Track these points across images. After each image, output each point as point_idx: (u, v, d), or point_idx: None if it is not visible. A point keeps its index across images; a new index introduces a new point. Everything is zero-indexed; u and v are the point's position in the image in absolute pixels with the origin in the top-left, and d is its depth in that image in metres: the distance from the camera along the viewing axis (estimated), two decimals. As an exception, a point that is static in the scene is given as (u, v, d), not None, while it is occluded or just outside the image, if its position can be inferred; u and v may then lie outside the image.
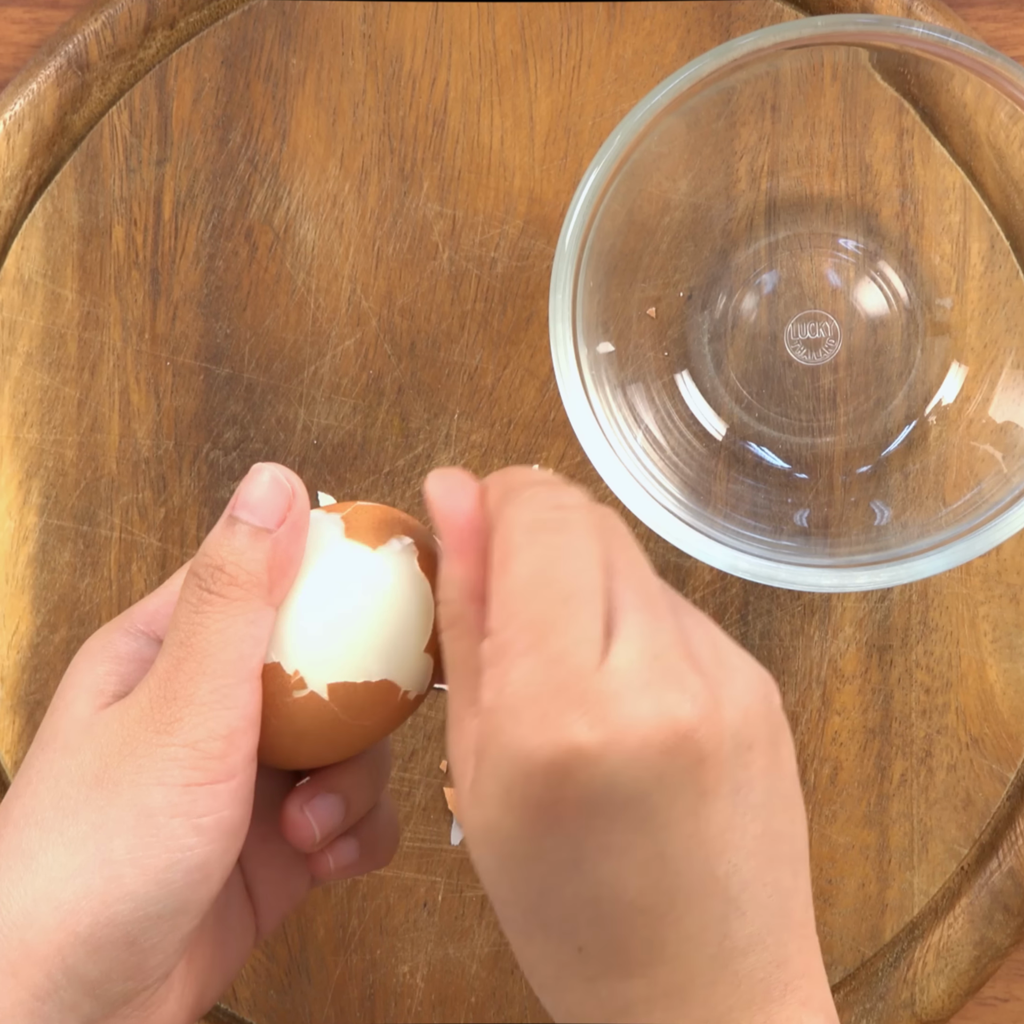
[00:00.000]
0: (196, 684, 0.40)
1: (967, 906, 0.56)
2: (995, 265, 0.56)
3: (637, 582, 0.39)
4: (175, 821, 0.39)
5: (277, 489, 0.41)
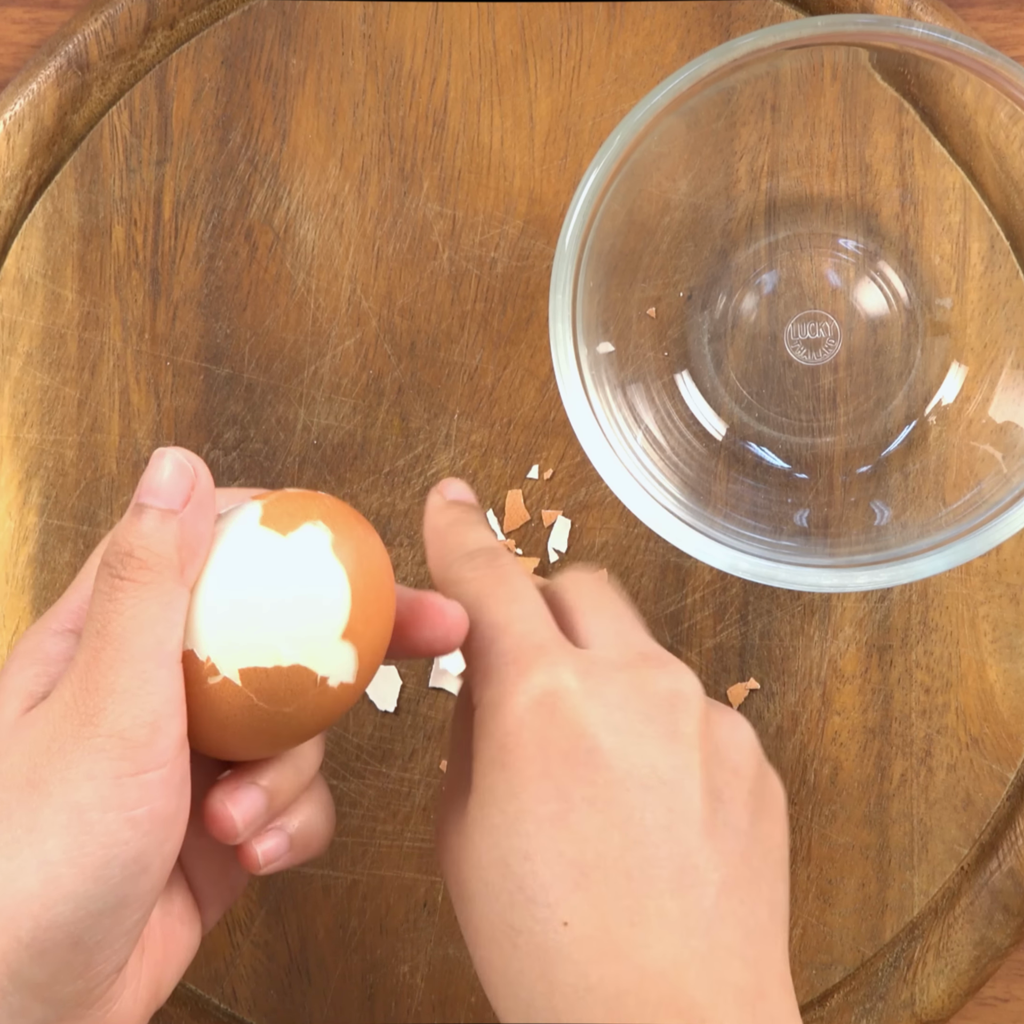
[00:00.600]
0: (116, 672, 0.39)
1: (967, 906, 0.56)
2: (995, 265, 0.56)
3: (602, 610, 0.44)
4: (108, 816, 0.39)
5: (179, 471, 0.41)
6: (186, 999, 0.56)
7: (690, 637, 0.57)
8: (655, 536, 0.53)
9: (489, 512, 0.57)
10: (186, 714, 0.40)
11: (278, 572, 0.41)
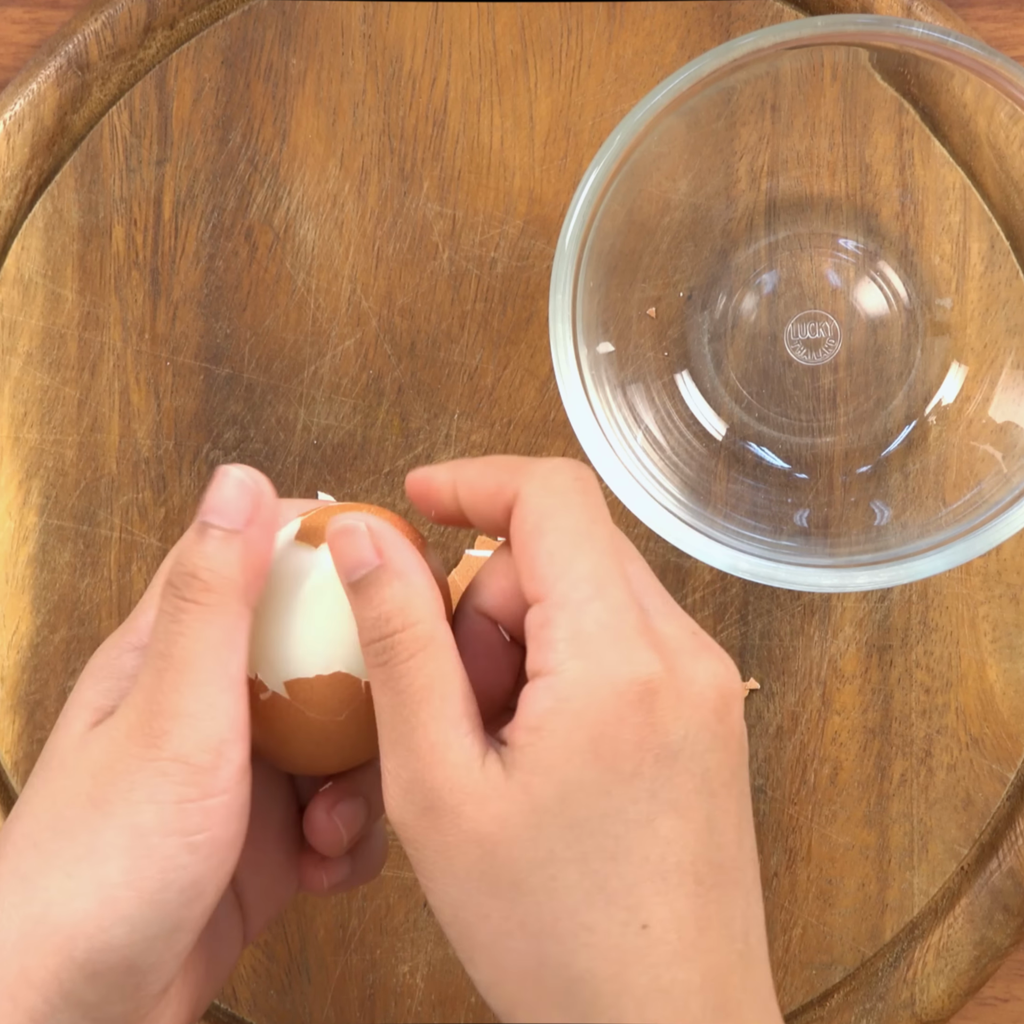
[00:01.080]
0: (180, 694, 0.39)
1: (967, 906, 0.56)
2: (995, 265, 0.56)
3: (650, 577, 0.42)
4: (169, 840, 0.39)
5: (243, 491, 0.41)
6: (186, 999, 0.56)
7: (690, 637, 0.57)
8: (655, 536, 0.53)
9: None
10: (249, 738, 0.40)
11: (309, 583, 0.42)
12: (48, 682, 0.57)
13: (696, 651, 0.39)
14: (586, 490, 0.40)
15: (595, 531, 0.39)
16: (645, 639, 0.38)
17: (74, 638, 0.57)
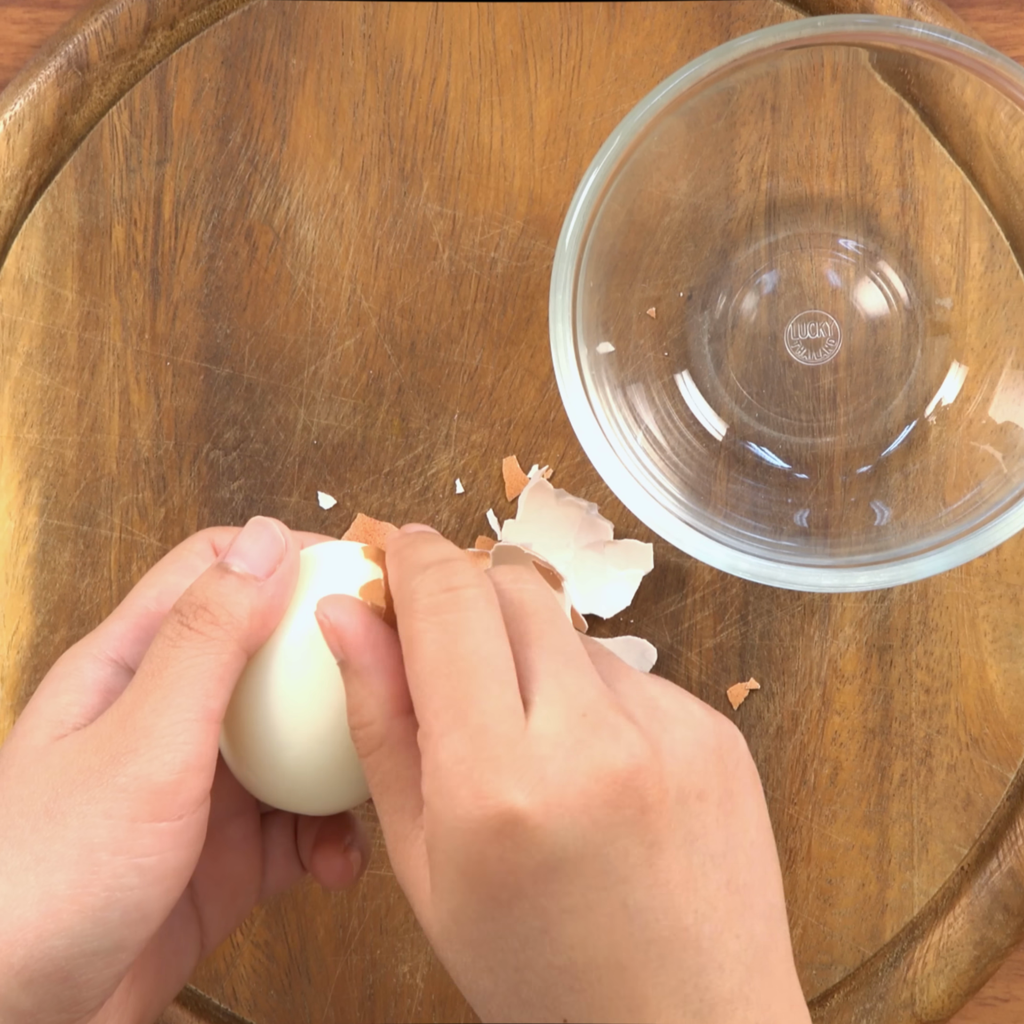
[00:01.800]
0: (158, 715, 0.40)
1: (967, 906, 0.56)
2: (995, 265, 0.56)
3: (551, 646, 0.39)
4: (117, 859, 0.39)
5: (272, 543, 0.42)
6: (186, 999, 0.56)
7: (690, 637, 0.57)
8: (655, 536, 0.53)
9: (489, 512, 0.57)
10: (212, 774, 0.40)
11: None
12: (48, 682, 0.57)
13: (573, 749, 0.38)
14: (452, 605, 0.39)
15: (455, 651, 0.38)
16: (505, 761, 0.37)
17: (74, 638, 0.57)
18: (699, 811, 0.39)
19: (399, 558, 0.41)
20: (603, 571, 0.57)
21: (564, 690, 0.38)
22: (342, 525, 0.57)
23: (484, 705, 0.38)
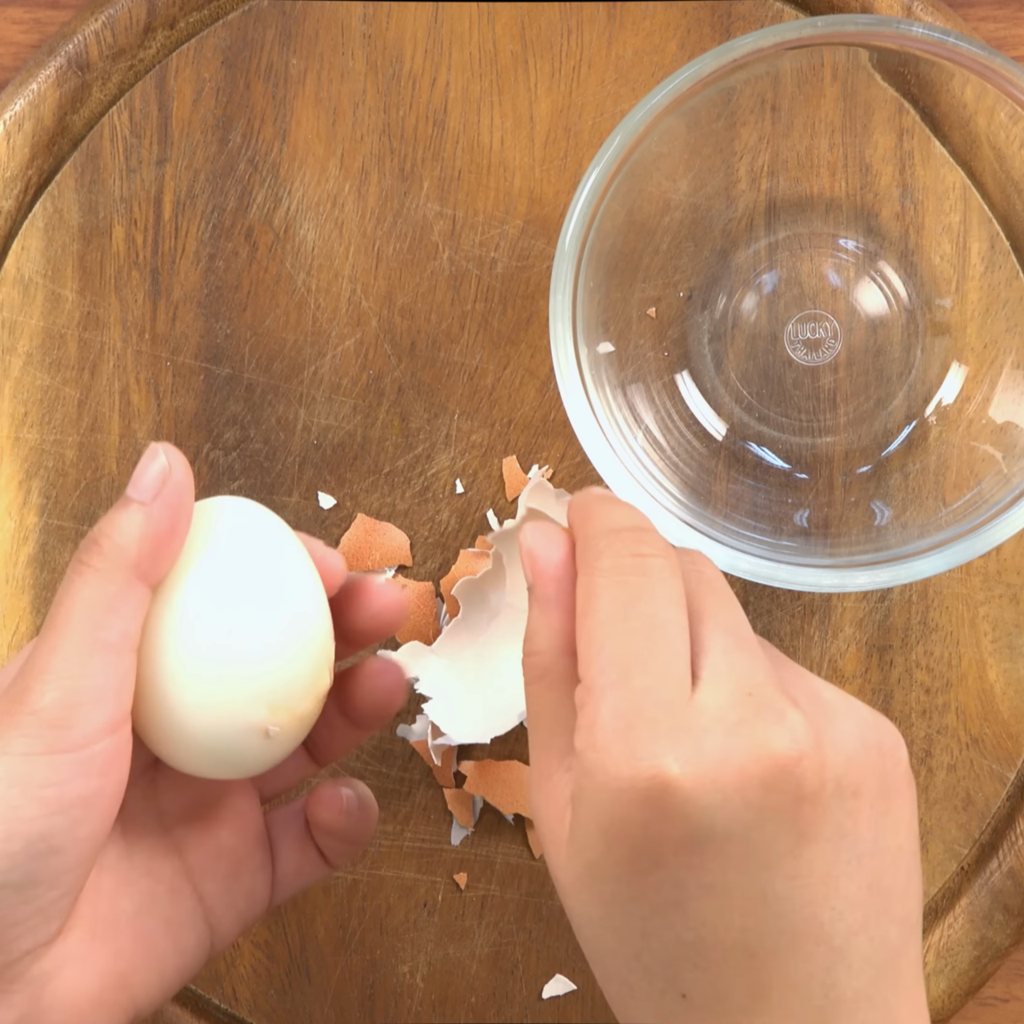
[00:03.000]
0: (52, 653, 0.40)
1: (967, 906, 0.56)
2: (995, 265, 0.56)
3: (725, 625, 0.40)
4: (13, 791, 0.39)
5: (156, 467, 0.41)
6: (187, 999, 0.56)
7: (690, 637, 0.57)
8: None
9: (489, 512, 0.57)
10: (123, 705, 0.40)
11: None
12: (48, 682, 0.57)
13: (736, 726, 0.37)
14: (638, 569, 0.40)
15: (633, 612, 0.39)
16: (665, 726, 0.37)
17: (74, 638, 0.57)
18: (853, 808, 0.38)
19: (587, 514, 0.42)
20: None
21: (733, 668, 0.38)
22: (342, 525, 0.57)
23: (652, 668, 0.38)
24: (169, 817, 0.45)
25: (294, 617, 0.42)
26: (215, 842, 0.45)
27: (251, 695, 0.41)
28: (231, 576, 0.42)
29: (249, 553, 0.42)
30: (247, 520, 0.43)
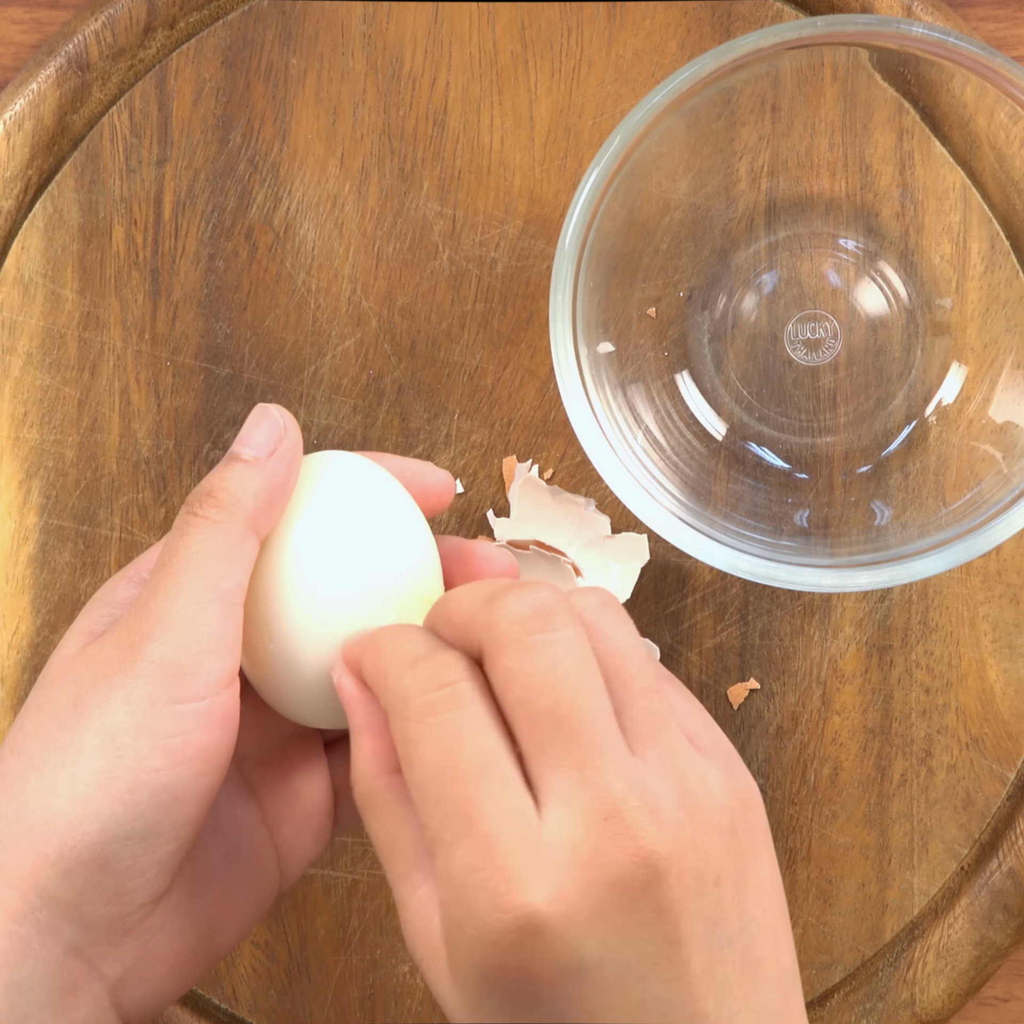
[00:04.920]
0: (170, 601, 0.40)
1: (967, 906, 0.56)
2: (995, 265, 0.56)
3: (553, 731, 0.37)
4: (140, 741, 0.39)
5: (270, 424, 0.43)
6: (187, 999, 0.56)
7: (690, 637, 0.57)
8: (655, 536, 0.53)
9: (489, 512, 0.57)
10: (237, 656, 0.41)
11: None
12: (48, 682, 0.57)
13: (591, 856, 0.36)
14: (449, 703, 0.38)
15: (457, 755, 0.37)
16: (520, 870, 0.36)
17: (74, 638, 0.57)
18: (717, 897, 0.38)
19: (376, 649, 0.40)
20: (605, 566, 0.57)
21: (587, 787, 0.37)
22: (342, 525, 0.57)
23: (491, 810, 0.37)
24: (246, 763, 0.45)
25: (405, 567, 0.42)
26: (290, 787, 0.45)
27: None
28: (338, 527, 0.42)
29: (356, 504, 0.43)
30: (353, 472, 0.44)
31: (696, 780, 0.39)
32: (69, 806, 0.39)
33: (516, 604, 0.38)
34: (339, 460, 0.44)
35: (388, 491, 0.44)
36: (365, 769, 0.40)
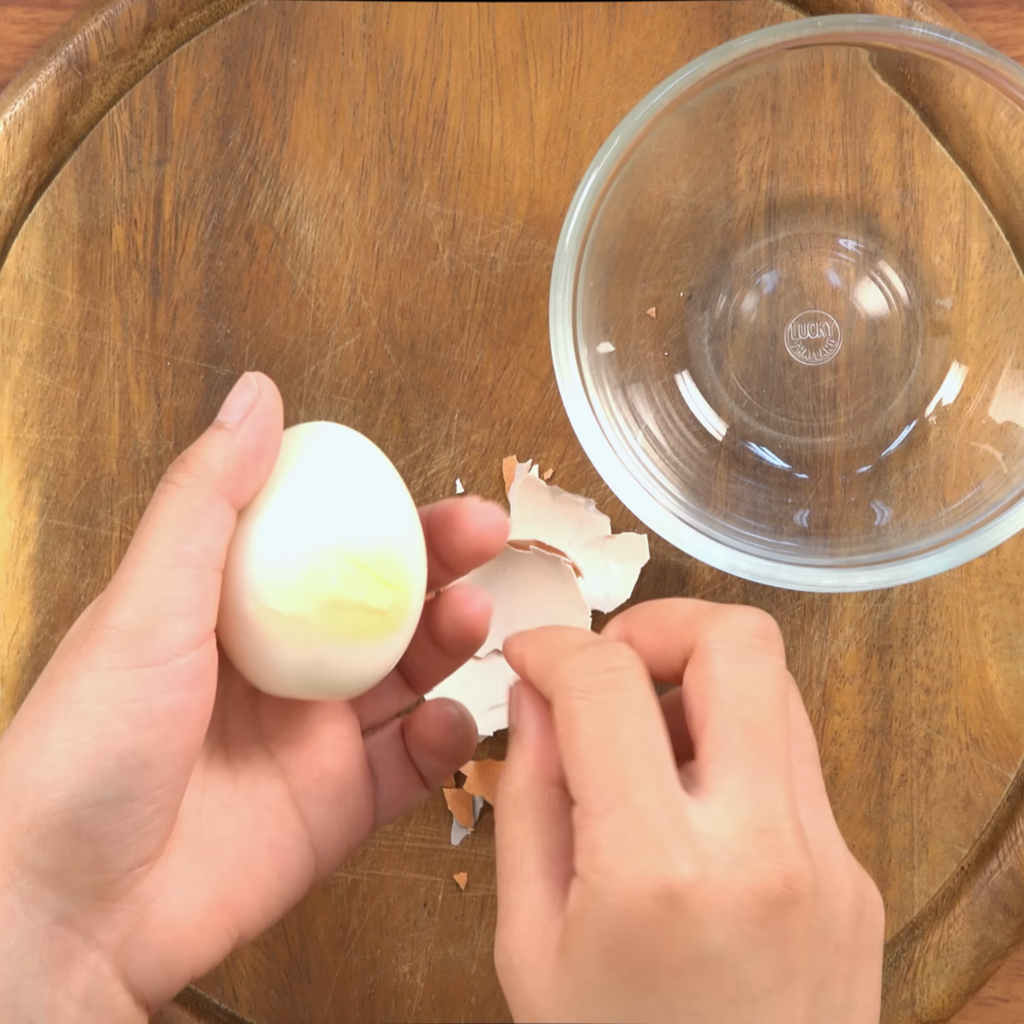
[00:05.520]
0: (135, 567, 0.40)
1: (967, 906, 0.56)
2: (995, 265, 0.56)
3: (742, 739, 0.39)
4: (101, 707, 0.39)
5: (245, 389, 0.42)
6: (187, 999, 0.56)
7: (690, 637, 0.57)
8: (655, 536, 0.53)
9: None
10: (207, 620, 0.40)
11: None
12: (48, 682, 0.57)
13: (741, 858, 0.37)
14: (614, 685, 0.39)
15: (619, 732, 0.38)
16: (671, 845, 0.37)
17: (74, 638, 0.57)
18: (834, 961, 0.39)
19: (540, 642, 0.42)
20: (605, 566, 0.57)
21: (755, 799, 0.38)
22: (342, 525, 0.57)
23: (648, 787, 0.37)
24: (273, 742, 0.45)
25: (385, 538, 0.42)
26: (320, 766, 0.45)
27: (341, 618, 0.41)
28: (319, 497, 0.42)
29: (338, 474, 0.42)
30: (335, 443, 0.43)
31: (840, 851, 0.40)
32: (38, 774, 0.39)
33: (745, 619, 0.40)
34: (326, 430, 0.44)
35: (372, 463, 0.43)
36: (526, 772, 0.41)
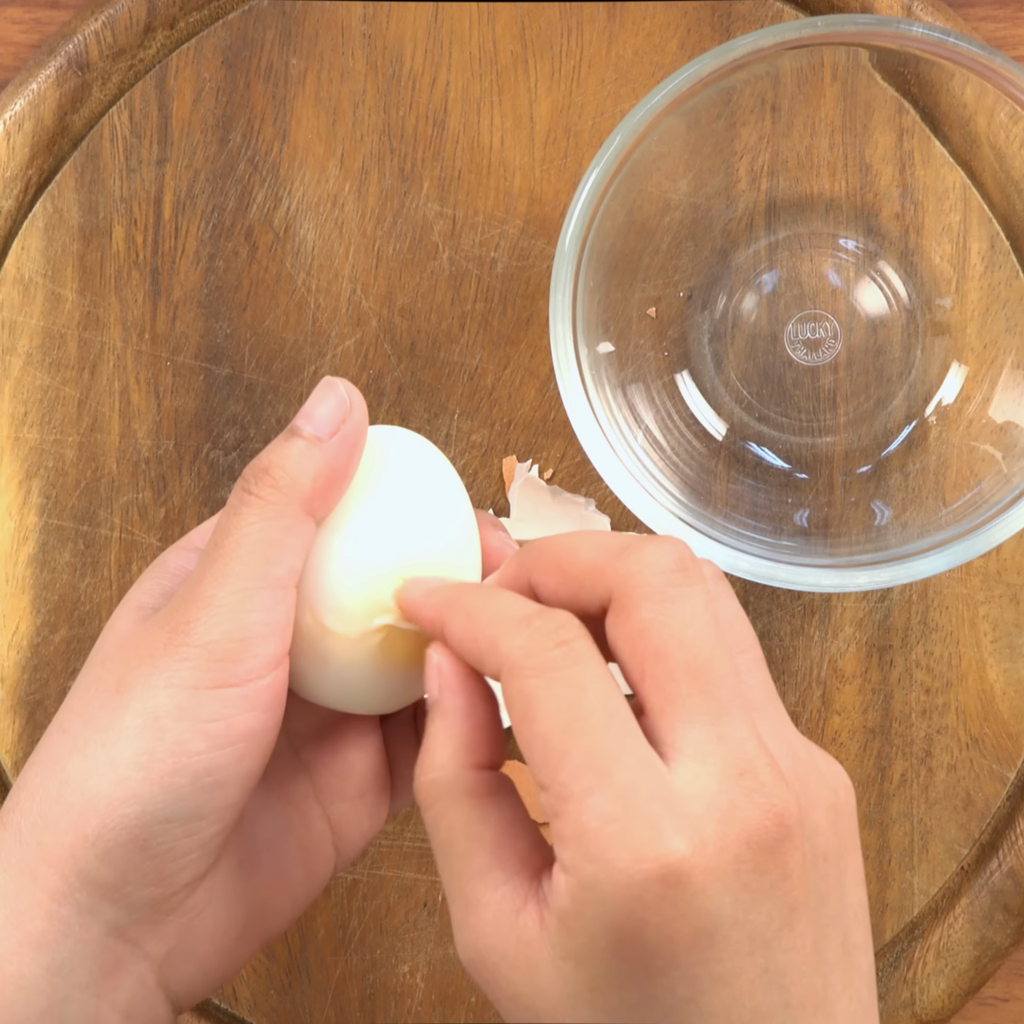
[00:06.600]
0: (219, 585, 0.39)
1: (967, 906, 0.56)
2: (995, 265, 0.56)
3: (689, 684, 0.37)
4: (181, 725, 0.39)
5: (336, 402, 0.41)
6: (186, 999, 0.56)
7: (690, 637, 0.57)
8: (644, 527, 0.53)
9: (489, 512, 0.57)
10: (287, 641, 0.40)
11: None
12: (48, 682, 0.57)
13: (729, 811, 0.36)
14: (570, 659, 0.37)
15: (584, 707, 0.36)
16: (663, 819, 0.35)
17: (74, 638, 0.57)
18: (824, 872, 0.38)
19: (470, 611, 0.39)
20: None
21: (722, 742, 0.36)
22: (342, 525, 0.57)
23: (626, 760, 0.35)
24: (298, 739, 0.45)
25: (449, 547, 0.41)
26: (343, 763, 0.45)
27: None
28: (389, 518, 0.41)
29: (409, 494, 0.42)
30: (408, 452, 0.43)
31: (805, 755, 0.38)
32: (108, 787, 0.39)
33: (658, 555, 0.37)
34: (391, 436, 0.43)
35: (440, 471, 0.43)
36: (454, 759, 0.38)
